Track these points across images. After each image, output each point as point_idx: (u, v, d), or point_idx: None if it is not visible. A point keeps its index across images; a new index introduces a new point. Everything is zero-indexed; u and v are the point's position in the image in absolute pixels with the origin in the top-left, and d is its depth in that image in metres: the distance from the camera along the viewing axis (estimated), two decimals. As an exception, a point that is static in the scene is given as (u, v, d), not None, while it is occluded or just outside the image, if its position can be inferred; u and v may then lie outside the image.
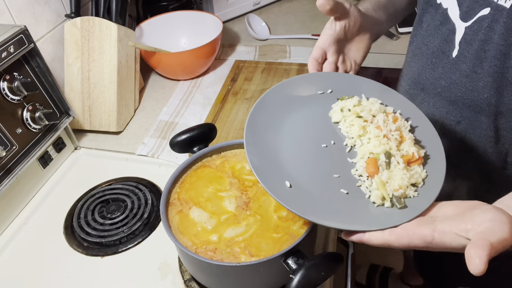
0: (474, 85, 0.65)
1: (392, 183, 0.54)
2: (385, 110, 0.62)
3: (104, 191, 0.88)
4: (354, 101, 0.62)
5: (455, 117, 0.71)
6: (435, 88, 0.71)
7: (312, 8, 1.53)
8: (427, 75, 0.72)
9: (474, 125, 0.69)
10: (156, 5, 1.33)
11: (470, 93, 0.66)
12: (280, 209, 0.66)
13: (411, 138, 0.58)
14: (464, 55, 0.64)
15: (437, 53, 0.69)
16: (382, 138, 0.57)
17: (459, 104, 0.68)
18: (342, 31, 0.68)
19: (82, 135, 1.05)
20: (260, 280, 0.60)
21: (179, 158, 0.94)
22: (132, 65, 1.09)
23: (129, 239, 0.79)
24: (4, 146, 0.79)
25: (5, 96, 0.79)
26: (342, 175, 0.57)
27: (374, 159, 0.56)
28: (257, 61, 1.27)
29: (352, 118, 0.61)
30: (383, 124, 0.59)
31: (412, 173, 0.55)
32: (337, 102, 0.64)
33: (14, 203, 0.85)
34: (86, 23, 1.00)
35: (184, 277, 0.72)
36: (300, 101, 0.64)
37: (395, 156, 0.56)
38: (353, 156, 0.59)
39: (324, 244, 0.77)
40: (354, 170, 0.57)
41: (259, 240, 0.62)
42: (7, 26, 0.80)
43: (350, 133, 0.60)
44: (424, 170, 0.56)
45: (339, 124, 0.62)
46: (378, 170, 0.55)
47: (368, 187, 0.55)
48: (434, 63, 0.70)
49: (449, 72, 0.68)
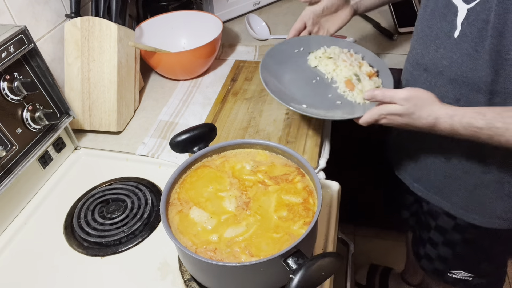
0: (474, 63, 0.69)
1: (365, 90, 0.85)
2: (342, 51, 0.96)
3: (104, 191, 0.88)
4: (322, 50, 0.96)
5: (454, 95, 0.75)
6: (436, 68, 0.77)
7: (312, 8, 1.53)
8: (430, 56, 0.78)
9: (471, 103, 0.73)
10: (156, 5, 1.33)
11: (469, 72, 0.71)
12: (280, 209, 0.66)
13: (365, 63, 0.93)
14: (466, 34, 0.69)
15: (440, 34, 0.75)
16: (349, 66, 0.91)
17: (459, 82, 0.73)
18: (321, 10, 0.96)
19: (82, 135, 1.05)
20: (260, 280, 0.60)
21: (179, 158, 0.94)
22: (132, 65, 1.09)
23: (129, 239, 0.79)
24: (4, 146, 0.79)
25: (5, 96, 0.79)
26: (333, 94, 0.90)
27: (349, 80, 0.89)
28: (257, 61, 1.27)
29: (325, 60, 0.94)
30: (346, 58, 0.93)
31: (374, 81, 0.89)
32: (309, 54, 0.97)
33: (14, 203, 0.85)
34: (86, 23, 1.00)
35: (184, 277, 0.72)
36: (289, 56, 0.96)
37: (360, 75, 0.89)
38: (334, 83, 0.92)
39: (324, 244, 0.77)
40: (340, 90, 0.90)
41: (259, 240, 0.62)
42: (7, 26, 0.80)
43: (327, 70, 0.94)
44: (380, 80, 0.90)
45: (318, 67, 0.95)
46: (354, 85, 0.88)
47: (352, 96, 0.88)
48: (437, 44, 0.76)
49: (450, 51, 0.73)
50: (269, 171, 0.72)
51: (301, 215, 0.65)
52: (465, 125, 0.66)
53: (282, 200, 0.67)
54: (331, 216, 0.82)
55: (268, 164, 0.74)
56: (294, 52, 0.97)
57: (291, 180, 0.70)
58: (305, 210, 0.65)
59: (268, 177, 0.71)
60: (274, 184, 0.70)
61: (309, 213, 0.65)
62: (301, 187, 0.69)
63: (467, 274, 0.99)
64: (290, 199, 0.67)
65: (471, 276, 0.99)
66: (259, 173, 0.72)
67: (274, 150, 0.75)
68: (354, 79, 0.88)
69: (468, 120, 0.66)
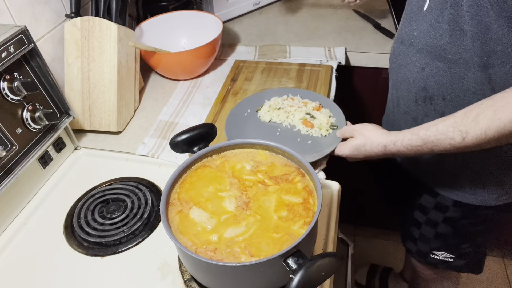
0: (435, 33, 0.76)
1: (322, 122, 0.95)
2: (284, 99, 1.03)
3: (104, 191, 0.88)
4: (266, 106, 1.02)
5: (421, 64, 0.82)
6: (409, 39, 0.83)
7: (312, 8, 1.53)
8: (405, 29, 0.85)
9: (434, 72, 0.80)
10: (156, 5, 1.33)
11: (431, 41, 0.77)
12: (280, 209, 0.66)
13: (307, 100, 1.02)
14: (431, 7, 0.76)
15: (414, 9, 0.82)
16: (298, 108, 0.99)
17: (424, 52, 0.80)
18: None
19: (82, 135, 1.05)
20: (260, 280, 0.60)
21: (179, 158, 0.94)
22: (132, 65, 1.09)
23: (129, 239, 0.79)
24: (4, 146, 0.79)
25: (5, 96, 0.79)
26: (300, 138, 0.94)
27: (305, 120, 0.97)
28: (257, 61, 1.27)
29: (276, 112, 1.00)
30: (291, 103, 1.01)
31: (324, 112, 0.98)
32: (257, 113, 1.02)
33: (14, 203, 0.85)
34: (86, 23, 1.00)
35: (184, 277, 0.72)
36: (244, 120, 1.01)
37: (310, 112, 0.98)
38: (294, 128, 0.97)
39: (324, 244, 0.77)
40: (303, 131, 0.95)
41: (259, 240, 0.62)
42: (7, 26, 0.80)
43: (281, 119, 0.99)
44: (327, 109, 0.99)
45: (272, 120, 1.00)
46: (311, 123, 0.96)
47: (316, 132, 0.94)
48: (411, 17, 0.83)
49: (419, 24, 0.80)
50: (269, 171, 0.72)
51: (301, 215, 0.65)
52: (407, 146, 0.76)
53: (282, 200, 0.67)
54: (331, 216, 0.82)
55: (268, 164, 0.74)
56: (245, 116, 1.01)
57: (291, 180, 0.70)
58: (305, 210, 0.65)
59: (268, 177, 0.71)
60: (274, 184, 0.70)
61: (309, 213, 0.65)
62: (301, 187, 0.69)
63: (448, 255, 1.05)
64: (290, 199, 0.67)
65: (452, 258, 1.05)
66: (259, 173, 0.72)
67: (274, 150, 0.75)
68: (308, 117, 0.96)
69: (407, 142, 0.76)
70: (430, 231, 1.03)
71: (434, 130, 0.71)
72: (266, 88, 1.14)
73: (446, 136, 0.69)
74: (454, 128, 0.68)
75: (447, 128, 0.69)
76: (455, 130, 0.68)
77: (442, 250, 1.05)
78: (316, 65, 1.22)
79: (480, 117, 0.64)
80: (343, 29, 1.38)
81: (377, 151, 0.81)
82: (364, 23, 1.39)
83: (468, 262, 1.06)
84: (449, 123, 0.69)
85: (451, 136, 0.68)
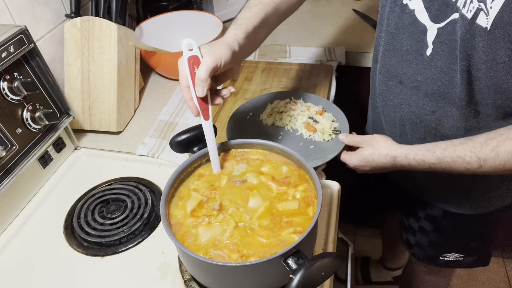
0: (449, 80, 0.72)
1: (325, 127, 0.94)
2: (287, 102, 1.02)
3: (104, 191, 0.88)
4: (268, 109, 1.01)
5: (431, 108, 0.78)
6: (411, 82, 0.79)
7: (312, 8, 1.53)
8: (404, 70, 0.79)
9: (447, 115, 0.76)
10: (156, 5, 1.33)
11: (445, 87, 0.73)
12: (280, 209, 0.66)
13: (310, 104, 1.00)
14: (439, 53, 0.71)
15: (410, 51, 0.76)
16: (301, 112, 0.98)
17: (435, 96, 0.76)
18: None
19: (82, 135, 1.05)
20: (260, 280, 0.60)
21: (179, 158, 0.94)
22: (132, 65, 1.09)
23: (129, 239, 0.79)
24: (4, 146, 0.79)
25: (5, 96, 0.79)
26: (303, 142, 0.93)
27: (307, 124, 0.95)
28: (257, 61, 1.27)
29: (278, 116, 0.99)
30: (293, 107, 0.99)
31: (327, 117, 0.97)
32: (260, 116, 1.01)
33: (14, 203, 0.85)
34: (86, 23, 1.00)
35: (184, 277, 0.72)
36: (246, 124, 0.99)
37: (313, 116, 0.96)
38: (297, 132, 0.96)
39: (324, 244, 0.77)
40: (306, 135, 0.94)
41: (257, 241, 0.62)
42: (7, 26, 0.80)
43: (284, 123, 0.98)
44: (330, 113, 0.98)
45: (275, 124, 0.98)
46: (313, 127, 0.94)
47: (319, 137, 0.93)
48: (408, 59, 0.77)
49: (424, 68, 0.75)
50: (269, 171, 0.72)
51: (300, 215, 0.65)
52: (419, 162, 0.75)
53: (282, 200, 0.67)
54: (331, 216, 0.82)
55: (268, 164, 0.73)
56: (247, 119, 1.00)
57: (291, 181, 0.70)
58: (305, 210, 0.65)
59: (268, 177, 0.71)
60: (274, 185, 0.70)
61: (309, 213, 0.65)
62: (302, 188, 0.69)
63: (458, 255, 1.06)
64: (290, 199, 0.67)
65: (462, 256, 1.06)
66: (259, 174, 0.72)
67: (274, 150, 0.75)
68: (311, 122, 0.95)
69: (421, 157, 0.74)
70: (439, 238, 1.04)
71: (451, 151, 0.70)
72: (266, 88, 1.14)
73: (463, 160, 0.68)
74: (472, 153, 0.67)
75: (465, 152, 0.68)
76: (472, 155, 0.67)
77: (451, 252, 1.06)
78: (316, 65, 1.22)
79: (500, 148, 0.63)
80: (343, 29, 1.37)
81: (385, 161, 0.80)
82: (364, 23, 1.39)
83: (478, 257, 1.08)
84: (467, 148, 0.67)
85: (468, 160, 0.67)
